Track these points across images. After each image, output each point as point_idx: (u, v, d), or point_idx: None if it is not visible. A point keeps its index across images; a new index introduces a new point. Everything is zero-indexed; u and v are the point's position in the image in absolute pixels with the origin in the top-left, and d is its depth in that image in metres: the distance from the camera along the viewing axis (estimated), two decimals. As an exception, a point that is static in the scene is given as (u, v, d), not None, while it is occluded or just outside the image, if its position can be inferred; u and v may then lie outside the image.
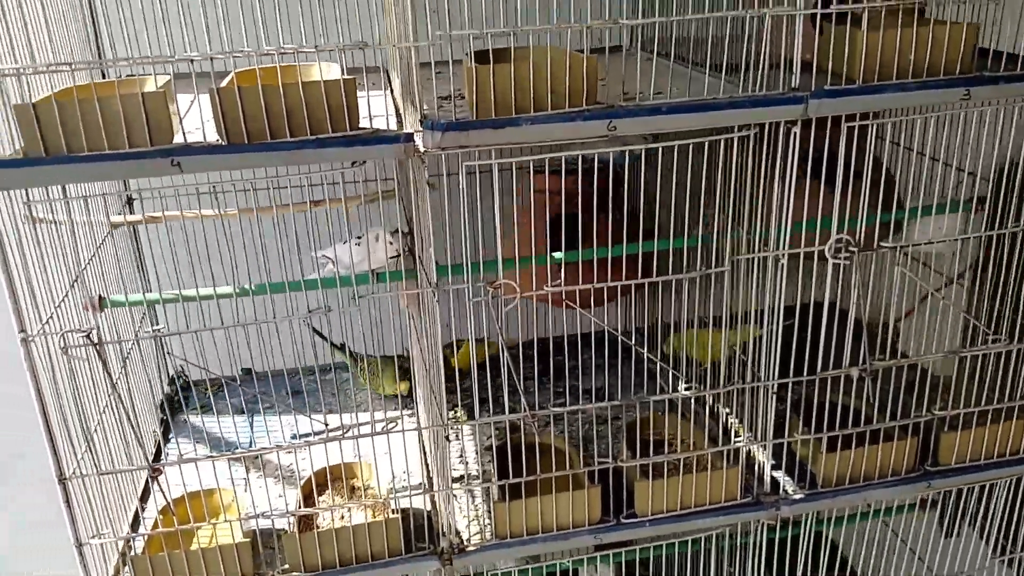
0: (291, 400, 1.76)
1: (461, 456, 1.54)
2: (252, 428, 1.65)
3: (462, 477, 1.42)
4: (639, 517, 1.30)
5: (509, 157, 1.11)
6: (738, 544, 1.43)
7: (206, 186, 1.40)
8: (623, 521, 1.29)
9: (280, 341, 1.31)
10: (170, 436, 1.62)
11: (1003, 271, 1.34)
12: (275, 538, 1.25)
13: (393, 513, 1.26)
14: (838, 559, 1.88)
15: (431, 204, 1.11)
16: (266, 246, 1.25)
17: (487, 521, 1.31)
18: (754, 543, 1.37)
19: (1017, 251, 1.33)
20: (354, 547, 1.22)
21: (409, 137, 1.01)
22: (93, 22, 1.39)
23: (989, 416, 1.38)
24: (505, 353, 1.19)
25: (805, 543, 1.40)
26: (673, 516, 1.30)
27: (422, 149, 1.04)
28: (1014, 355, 1.36)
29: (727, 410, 1.42)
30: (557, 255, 1.42)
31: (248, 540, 1.21)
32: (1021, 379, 1.39)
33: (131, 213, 1.63)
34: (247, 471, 1.49)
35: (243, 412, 1.71)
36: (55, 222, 1.22)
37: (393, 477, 1.42)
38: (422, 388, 1.39)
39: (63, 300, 1.16)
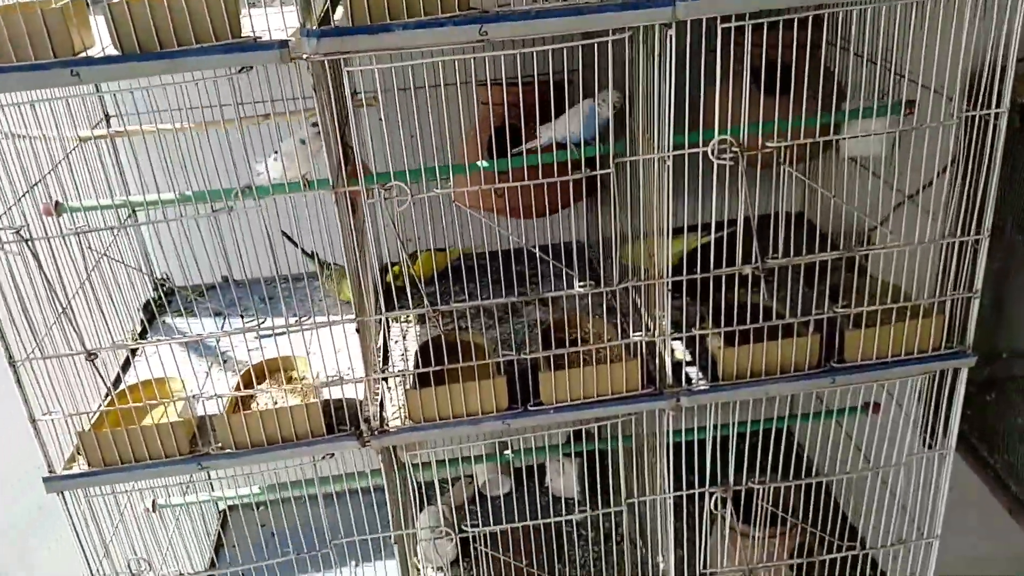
0: (264, 305, 1.89)
1: (403, 354, 1.65)
2: (221, 328, 1.79)
3: (399, 371, 1.53)
4: (544, 405, 1.39)
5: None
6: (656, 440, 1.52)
7: (175, 102, 1.53)
8: (529, 408, 1.39)
9: (256, 250, 1.43)
10: (146, 335, 1.77)
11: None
12: (208, 420, 1.38)
13: (318, 399, 1.38)
14: (804, 461, 1.95)
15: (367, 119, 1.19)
16: (224, 157, 1.37)
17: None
18: (659, 435, 1.45)
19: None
20: (279, 428, 1.35)
21: (284, 44, 1.09)
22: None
23: (894, 314, 1.42)
24: (404, 257, 1.29)
25: (711, 437, 1.47)
26: (576, 404, 1.38)
27: (304, 56, 1.12)
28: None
29: (639, 310, 1.49)
30: (482, 164, 1.49)
31: (184, 420, 1.35)
32: (932, 278, 1.42)
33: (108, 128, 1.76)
34: (208, 366, 1.64)
35: (221, 315, 1.85)
36: (19, 136, 1.35)
37: (335, 371, 1.54)
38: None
39: (15, 203, 1.29)
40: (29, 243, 1.20)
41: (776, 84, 1.48)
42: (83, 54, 1.12)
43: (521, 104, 1.70)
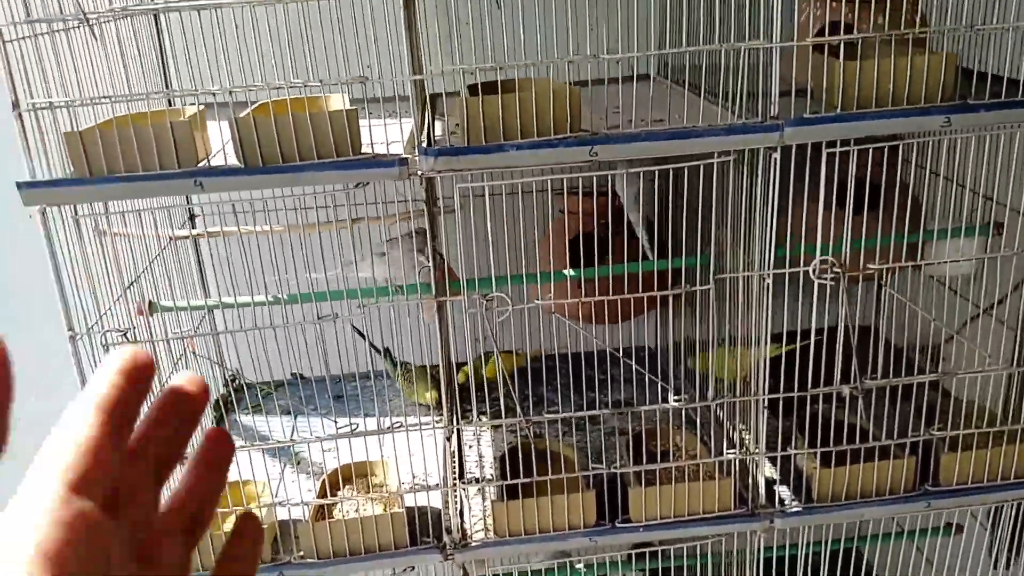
0: (333, 403, 1.89)
1: (479, 461, 1.63)
2: (295, 428, 1.78)
3: (474, 479, 1.51)
4: (633, 523, 1.36)
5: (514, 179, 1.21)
6: (746, 560, 1.48)
7: (260, 203, 1.56)
8: (617, 525, 1.36)
9: (327, 348, 1.44)
10: (219, 433, 1.76)
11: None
12: (292, 527, 1.36)
13: (402, 509, 1.36)
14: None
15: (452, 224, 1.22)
16: (313, 260, 1.39)
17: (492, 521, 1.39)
18: (751, 555, 1.41)
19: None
20: (363, 538, 1.33)
21: (403, 161, 1.12)
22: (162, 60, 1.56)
23: (990, 438, 1.39)
24: (500, 364, 1.28)
25: (803, 558, 1.42)
26: (666, 523, 1.35)
27: (419, 173, 1.14)
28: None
29: (730, 424, 1.46)
30: (569, 272, 1.50)
31: (268, 525, 1.33)
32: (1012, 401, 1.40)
33: (193, 228, 1.80)
34: (283, 467, 1.62)
35: (290, 413, 1.84)
36: (119, 235, 1.38)
37: (413, 477, 1.53)
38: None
39: (114, 305, 1.31)
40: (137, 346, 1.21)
41: (863, 203, 1.49)
42: (204, 161, 1.15)
43: (602, 213, 1.72)
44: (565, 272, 1.50)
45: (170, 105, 1.50)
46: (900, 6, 1.22)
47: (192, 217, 1.83)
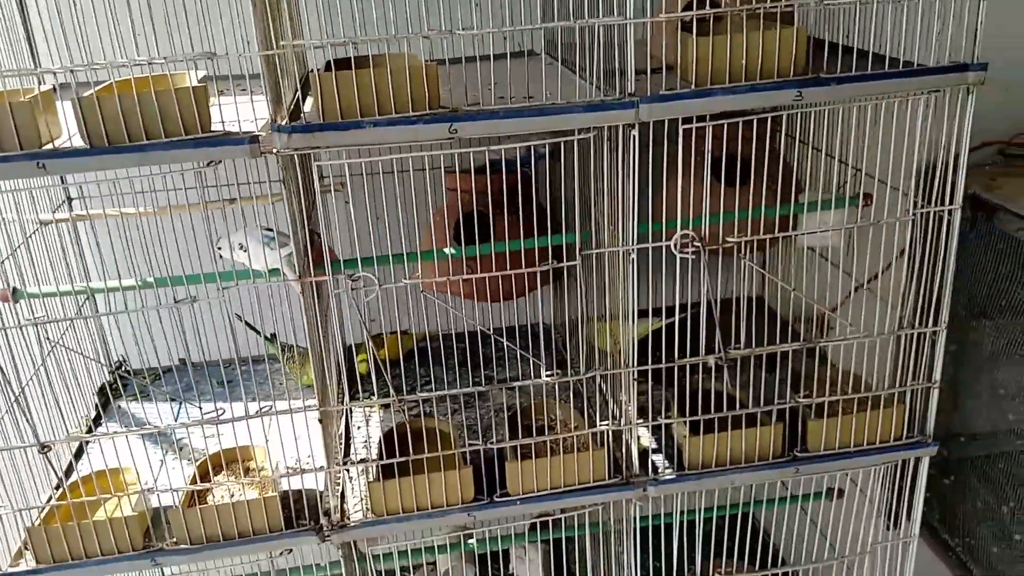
0: (222, 389, 1.86)
1: (366, 442, 1.62)
2: (178, 415, 1.75)
3: (351, 461, 1.51)
4: (511, 496, 1.37)
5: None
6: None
7: (139, 186, 1.53)
8: (495, 500, 1.37)
9: (210, 333, 1.41)
10: (100, 422, 1.72)
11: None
12: (163, 513, 1.34)
13: (275, 493, 1.34)
14: (770, 548, 1.94)
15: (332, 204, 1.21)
16: (187, 242, 1.35)
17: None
18: (627, 523, 1.43)
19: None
20: (236, 523, 1.31)
21: (255, 139, 1.10)
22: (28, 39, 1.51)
23: (855, 404, 1.43)
24: (371, 347, 1.28)
25: (678, 524, 1.46)
26: (543, 495, 1.37)
27: (275, 151, 1.12)
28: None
29: (610, 397, 1.49)
30: (448, 250, 1.50)
31: (138, 514, 1.31)
32: (892, 368, 1.44)
33: (70, 211, 1.74)
34: (163, 454, 1.59)
35: (175, 400, 1.81)
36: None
37: (297, 460, 1.51)
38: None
39: (-31, 292, 1.26)
40: (-18, 333, 1.18)
41: (735, 176, 1.52)
42: (50, 144, 1.11)
43: (489, 191, 1.72)
44: (445, 251, 1.50)
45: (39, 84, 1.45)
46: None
47: (69, 200, 1.77)
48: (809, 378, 1.44)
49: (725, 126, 1.21)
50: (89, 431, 1.67)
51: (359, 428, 1.68)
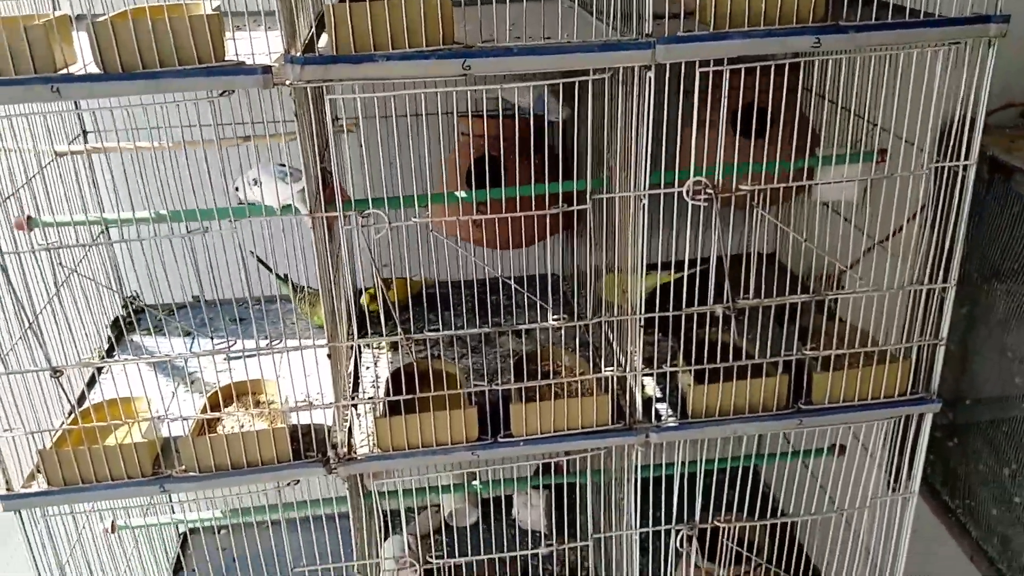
0: (235, 326, 1.88)
1: (374, 382, 1.64)
2: (190, 349, 1.77)
3: (357, 397, 1.53)
4: (514, 437, 1.39)
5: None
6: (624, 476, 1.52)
7: (153, 121, 1.53)
8: (499, 440, 1.38)
9: (228, 270, 1.42)
10: (114, 353, 1.75)
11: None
12: (172, 442, 1.37)
13: (284, 424, 1.37)
14: (769, 501, 1.96)
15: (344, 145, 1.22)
16: (200, 178, 1.36)
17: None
18: (627, 471, 1.45)
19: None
20: (245, 453, 1.33)
21: (267, 69, 1.10)
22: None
23: (861, 358, 1.44)
24: (380, 286, 1.29)
25: (679, 476, 1.47)
26: (545, 437, 1.38)
27: (287, 82, 1.12)
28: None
29: (611, 345, 1.49)
30: (460, 193, 1.50)
31: (148, 441, 1.33)
32: (899, 323, 1.44)
33: (85, 144, 1.76)
34: (175, 386, 1.62)
35: (189, 335, 1.84)
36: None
37: (307, 396, 1.53)
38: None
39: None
40: (0, 257, 1.19)
41: (752, 127, 1.51)
42: (64, 71, 1.11)
43: (501, 136, 1.71)
44: (456, 194, 1.50)
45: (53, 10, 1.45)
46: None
47: (85, 133, 1.78)
48: (817, 332, 1.44)
49: (742, 72, 1.20)
50: (101, 359, 1.69)
51: (367, 369, 1.70)
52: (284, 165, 1.37)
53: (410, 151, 1.36)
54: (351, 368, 1.62)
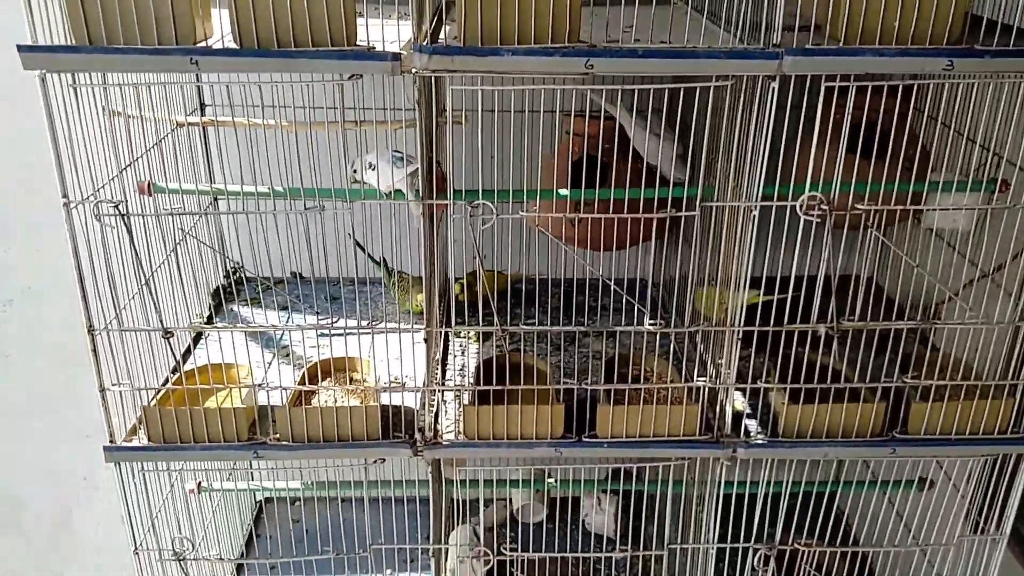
0: (327, 304, 1.92)
1: (461, 370, 1.66)
2: (287, 322, 1.82)
3: (447, 383, 1.55)
4: (599, 438, 1.39)
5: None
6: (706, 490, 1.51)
7: (267, 98, 1.58)
8: (583, 440, 1.39)
9: (326, 249, 1.46)
10: (214, 320, 1.81)
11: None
12: (270, 410, 1.41)
13: (376, 403, 1.39)
14: (842, 527, 1.92)
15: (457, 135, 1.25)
16: (314, 156, 1.40)
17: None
18: (711, 484, 1.44)
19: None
20: (337, 427, 1.37)
21: (396, 56, 1.12)
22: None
23: (963, 391, 1.39)
24: (482, 278, 1.31)
25: (763, 495, 1.45)
26: (631, 441, 1.38)
27: (413, 70, 1.14)
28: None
29: (707, 355, 1.48)
30: (562, 191, 1.51)
31: (246, 407, 1.38)
32: (1006, 360, 1.40)
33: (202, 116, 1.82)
34: (271, 356, 1.67)
35: (286, 309, 1.89)
36: (122, 115, 1.39)
37: (396, 377, 1.56)
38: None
39: (112, 180, 1.33)
40: (126, 218, 1.24)
41: (868, 146, 1.48)
42: (203, 43, 1.16)
43: (608, 137, 1.71)
44: (560, 191, 1.51)
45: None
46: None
47: (203, 106, 1.85)
48: (918, 361, 1.40)
49: (868, 94, 1.18)
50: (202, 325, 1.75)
51: (455, 357, 1.72)
52: (399, 152, 1.39)
53: (515, 145, 1.37)
54: (439, 355, 1.64)
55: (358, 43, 1.14)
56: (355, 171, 1.51)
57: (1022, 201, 1.31)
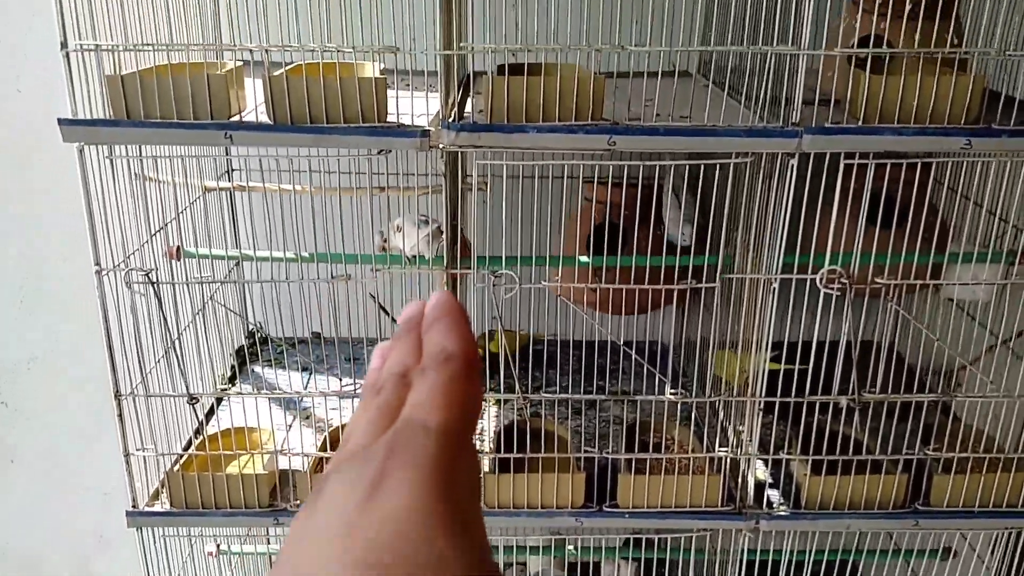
0: (347, 365, 1.94)
1: (480, 434, 1.66)
2: (307, 384, 1.84)
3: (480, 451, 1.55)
4: (620, 508, 1.38)
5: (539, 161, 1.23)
6: (729, 559, 1.50)
7: (295, 162, 1.61)
8: (604, 509, 1.38)
9: (345, 310, 1.48)
10: (235, 381, 1.82)
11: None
12: (291, 475, 1.41)
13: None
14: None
15: (476, 202, 1.28)
16: (338, 223, 1.43)
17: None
18: (734, 554, 1.43)
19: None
20: (357, 494, 1.37)
21: (425, 133, 1.15)
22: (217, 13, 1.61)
23: (986, 463, 1.39)
24: (503, 341, 1.32)
25: (787, 563, 1.44)
26: (652, 512, 1.38)
27: (441, 146, 1.17)
28: None
29: (728, 423, 1.48)
30: (583, 259, 1.53)
31: (268, 473, 1.38)
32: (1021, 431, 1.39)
33: (229, 181, 1.86)
34: (293, 419, 1.67)
35: (306, 370, 1.90)
36: (153, 180, 1.43)
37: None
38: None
39: (142, 246, 1.36)
40: (155, 286, 1.27)
41: (886, 217, 1.49)
42: (236, 116, 1.19)
43: (627, 204, 1.74)
44: (581, 258, 1.53)
45: (218, 58, 1.55)
46: (934, 25, 1.22)
47: (229, 171, 1.89)
48: (943, 432, 1.40)
49: (888, 167, 1.20)
50: (225, 389, 1.77)
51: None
52: (425, 215, 1.42)
53: (535, 211, 1.39)
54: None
55: (388, 118, 1.17)
56: (384, 239, 1.53)
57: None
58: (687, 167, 1.24)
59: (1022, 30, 1.16)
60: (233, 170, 1.88)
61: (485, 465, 1.43)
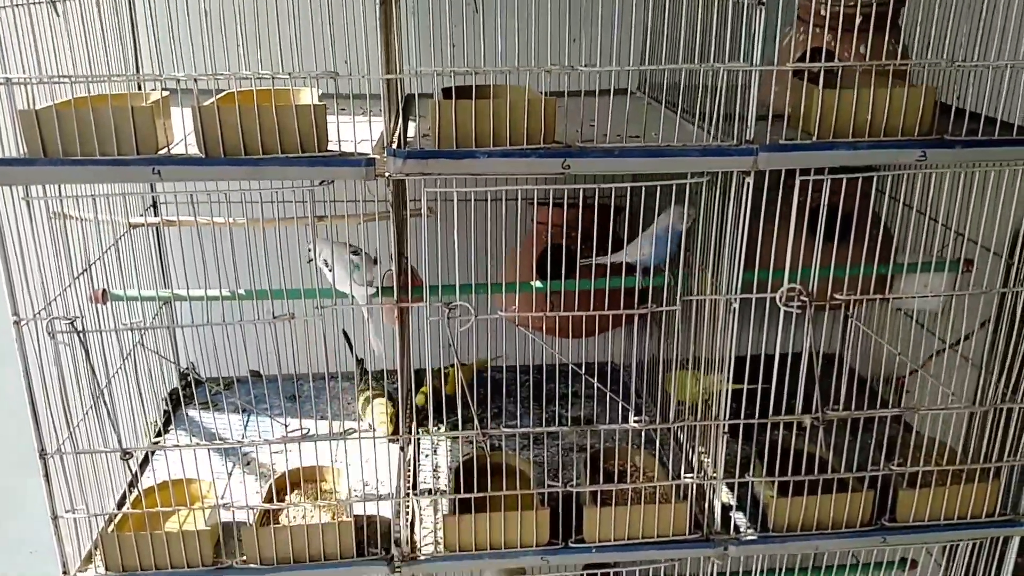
0: (288, 404, 1.84)
1: (435, 472, 1.60)
2: (246, 427, 1.74)
3: (427, 491, 1.48)
4: (587, 543, 1.33)
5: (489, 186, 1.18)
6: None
7: (226, 194, 1.53)
8: (570, 545, 1.33)
9: (284, 347, 1.40)
10: (169, 428, 1.72)
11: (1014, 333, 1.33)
12: (236, 530, 1.32)
13: (350, 518, 1.32)
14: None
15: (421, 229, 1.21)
16: (275, 255, 1.34)
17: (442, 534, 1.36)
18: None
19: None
20: (308, 546, 1.29)
21: (371, 161, 1.09)
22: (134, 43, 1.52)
23: (949, 476, 1.38)
24: (460, 377, 1.26)
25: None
26: (620, 545, 1.33)
27: (387, 174, 1.11)
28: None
29: (690, 447, 1.45)
30: (536, 284, 1.48)
31: (210, 529, 1.29)
32: (988, 441, 1.39)
33: (155, 216, 1.75)
34: (233, 466, 1.58)
35: (244, 411, 1.80)
36: (73, 218, 1.33)
37: (365, 485, 1.49)
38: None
39: (64, 291, 1.26)
40: (81, 334, 1.17)
41: (829, 230, 1.48)
42: (164, 149, 1.11)
43: (574, 225, 1.70)
44: (532, 284, 1.48)
45: (139, 89, 1.46)
46: (883, 37, 1.21)
47: (155, 205, 1.79)
48: (904, 446, 1.39)
49: (840, 182, 1.18)
50: (158, 435, 1.66)
51: (427, 456, 1.65)
52: (356, 249, 1.35)
53: (484, 236, 1.33)
54: (410, 456, 1.58)
55: (329, 147, 1.10)
56: (311, 250, 1.45)
57: (985, 283, 1.31)
58: (643, 188, 1.20)
59: (968, 41, 1.15)
60: (159, 204, 1.78)
61: (444, 507, 1.37)
